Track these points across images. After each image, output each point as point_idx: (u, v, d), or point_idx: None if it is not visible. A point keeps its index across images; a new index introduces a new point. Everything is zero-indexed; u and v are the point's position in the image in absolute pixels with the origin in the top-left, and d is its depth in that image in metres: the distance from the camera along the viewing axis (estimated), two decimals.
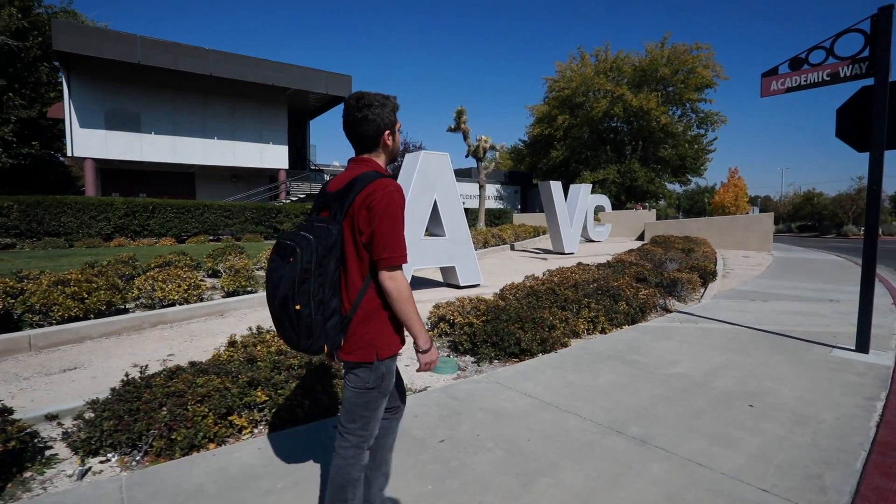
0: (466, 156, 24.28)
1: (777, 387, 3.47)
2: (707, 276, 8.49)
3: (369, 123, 1.53)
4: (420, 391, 3.54)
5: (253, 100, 21.16)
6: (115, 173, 20.58)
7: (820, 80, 4.60)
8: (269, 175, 23.23)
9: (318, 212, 1.61)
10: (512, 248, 15.39)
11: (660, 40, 26.49)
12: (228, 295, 6.30)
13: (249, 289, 6.52)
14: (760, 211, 31.24)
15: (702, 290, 8.06)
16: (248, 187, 22.92)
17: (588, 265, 8.47)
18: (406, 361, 4.09)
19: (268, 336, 3.71)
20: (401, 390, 1.86)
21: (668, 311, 6.37)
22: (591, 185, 14.21)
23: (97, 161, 18.69)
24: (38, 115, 19.16)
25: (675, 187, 30.24)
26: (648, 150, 27.52)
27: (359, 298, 1.50)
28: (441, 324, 4.88)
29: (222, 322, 5.43)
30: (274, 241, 6.19)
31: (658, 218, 36.75)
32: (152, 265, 6.22)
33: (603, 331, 5.09)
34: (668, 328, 5.25)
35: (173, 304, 5.55)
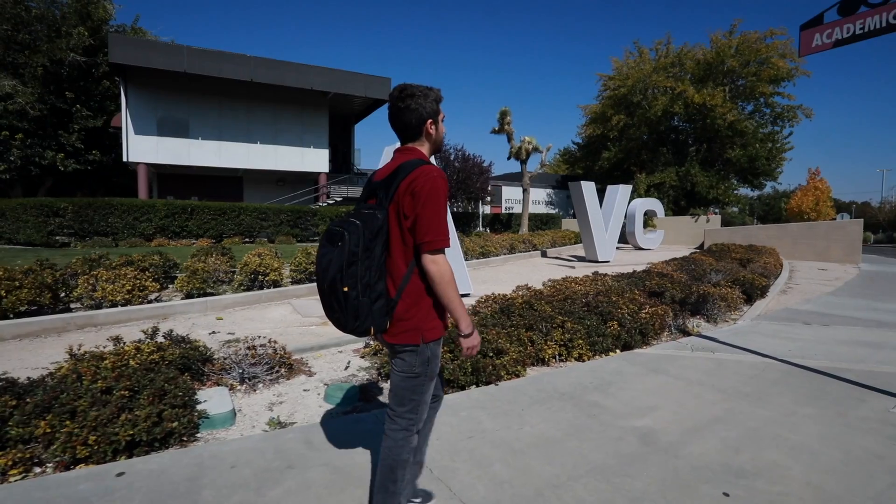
0: (508, 158, 23.25)
1: (786, 461, 2.32)
2: (753, 291, 6.97)
3: (411, 113, 1.57)
4: (281, 425, 2.77)
5: (294, 104, 21.55)
6: (170, 177, 21.78)
7: (883, 24, 3.32)
8: (312, 178, 23.57)
9: (365, 200, 1.64)
10: (543, 254, 14.19)
11: (728, 29, 23.90)
12: (188, 297, 5.91)
13: (209, 290, 6.09)
14: (854, 218, 27.05)
15: (745, 308, 6.60)
16: (293, 191, 23.40)
17: (605, 275, 7.31)
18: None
19: (128, 347, 3.12)
20: (441, 380, 1.83)
21: (688, 333, 5.12)
22: (630, 187, 12.67)
23: (153, 166, 19.82)
24: (102, 125, 20.68)
25: (745, 191, 26.99)
26: (714, 151, 24.72)
27: (404, 283, 1.52)
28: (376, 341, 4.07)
29: (166, 326, 4.98)
30: (304, 244, 5.86)
31: (731, 224, 33.13)
32: (114, 264, 5.98)
33: (580, 358, 4.04)
34: (668, 357, 4.08)
35: (116, 305, 5.20)
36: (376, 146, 46.65)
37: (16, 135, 18.09)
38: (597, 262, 11.87)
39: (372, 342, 4.23)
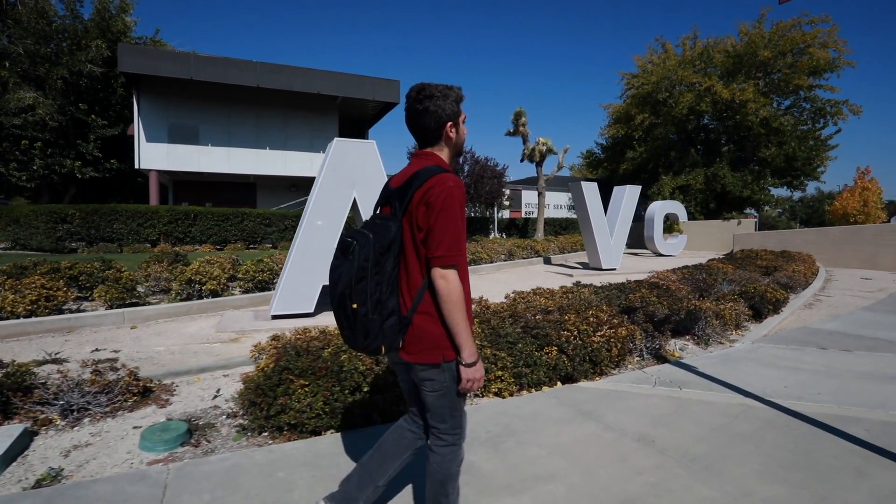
0: (521, 160, 22.31)
1: None
2: (763, 305, 5.88)
3: (430, 115, 1.47)
4: (57, 479, 2.11)
5: (304, 110, 21.43)
6: (185, 184, 22.08)
7: None
8: None
9: (380, 208, 1.56)
10: (547, 261, 13.21)
11: (756, 19, 22.04)
12: (111, 307, 5.42)
13: (135, 301, 5.59)
14: None
15: (750, 326, 5.54)
16: (305, 196, 23.29)
17: (588, 286, 6.42)
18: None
19: None
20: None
21: (664, 359, 4.19)
22: (638, 188, 11.48)
23: (168, 173, 20.10)
24: (119, 134, 21.12)
25: (783, 192, 24.77)
26: (747, 150, 22.83)
27: (419, 298, 1.42)
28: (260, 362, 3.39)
29: (59, 341, 4.49)
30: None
31: (774, 228, 30.66)
32: (35, 273, 5.58)
33: (500, 393, 3.21)
34: (616, 395, 3.19)
35: (18, 317, 4.75)
36: (391, 150, 46.69)
37: (35, 144, 18.65)
38: (600, 270, 10.82)
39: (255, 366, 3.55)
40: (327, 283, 5.66)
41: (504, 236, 24.85)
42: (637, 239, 19.11)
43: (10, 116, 18.40)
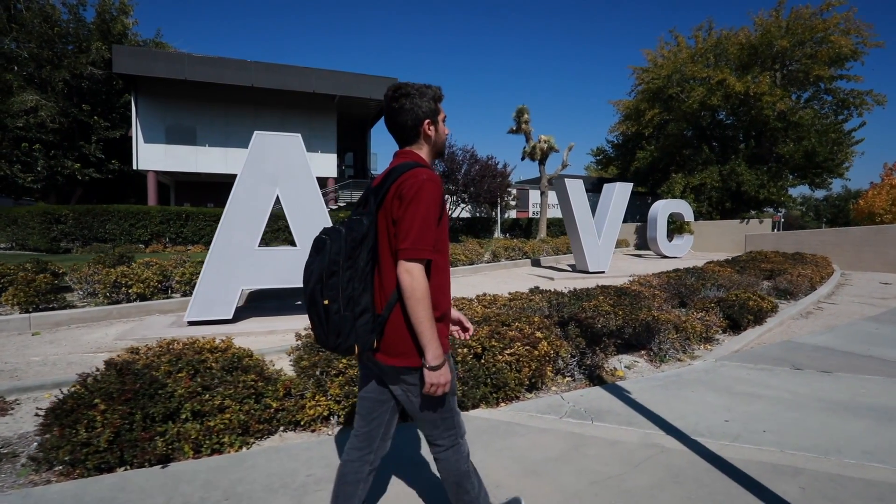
0: (522, 159, 21.62)
1: None
2: (742, 316, 5.18)
3: (406, 113, 1.45)
4: None
5: (302, 109, 21.24)
6: (185, 185, 22.18)
7: None
8: (321, 184, 23.16)
9: (359, 206, 1.51)
10: (536, 263, 12.55)
11: (773, 7, 20.71)
12: (25, 311, 5.10)
13: (51, 305, 5.25)
14: None
15: (723, 339, 4.86)
16: None
17: (540, 291, 5.86)
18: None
19: None
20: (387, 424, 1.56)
21: (602, 381, 3.60)
22: (630, 185, 10.64)
23: (167, 174, 20.17)
24: (121, 136, 21.27)
25: (806, 191, 23.42)
26: (764, 146, 21.57)
27: (394, 297, 1.36)
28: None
29: None
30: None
31: (803, 228, 29.04)
32: None
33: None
34: (507, 428, 2.63)
35: None
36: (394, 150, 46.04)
37: (34, 146, 18.90)
38: (587, 273, 10.14)
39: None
40: (247, 287, 5.24)
41: (508, 237, 24.20)
42: (644, 240, 18.25)
43: (13, 118, 18.70)
